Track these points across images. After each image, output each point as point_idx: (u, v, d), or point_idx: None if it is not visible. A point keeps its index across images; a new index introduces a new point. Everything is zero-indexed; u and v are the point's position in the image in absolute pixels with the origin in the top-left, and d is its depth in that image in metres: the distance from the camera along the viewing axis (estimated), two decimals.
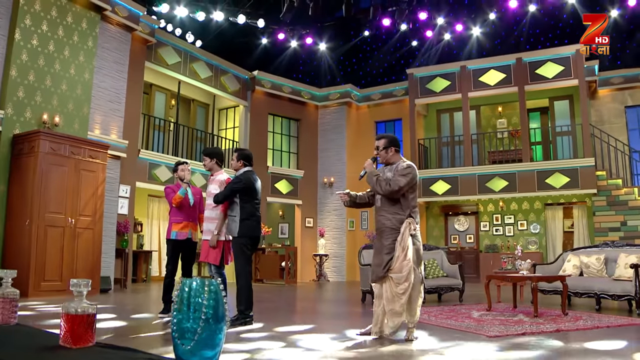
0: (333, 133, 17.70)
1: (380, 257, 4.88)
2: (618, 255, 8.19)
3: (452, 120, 17.07)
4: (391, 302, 4.78)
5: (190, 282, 1.86)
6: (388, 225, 4.93)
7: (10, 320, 2.75)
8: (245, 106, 15.98)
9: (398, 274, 4.74)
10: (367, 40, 19.41)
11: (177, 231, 6.44)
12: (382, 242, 4.92)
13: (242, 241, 5.67)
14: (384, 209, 5.02)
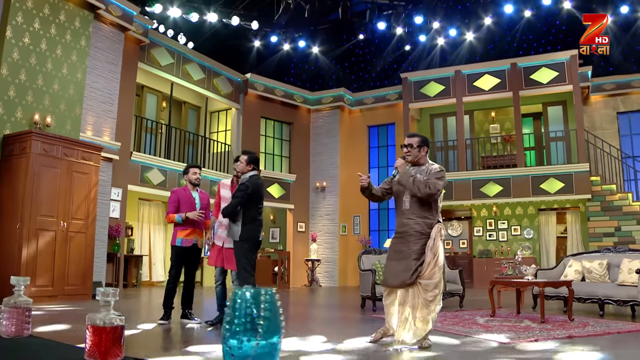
0: (326, 137, 17.55)
1: (407, 263, 4.66)
2: (621, 261, 8.14)
3: (446, 125, 17.01)
4: (419, 309, 4.58)
5: (243, 293, 1.68)
6: (417, 229, 4.71)
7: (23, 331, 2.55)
8: (237, 109, 15.77)
9: (428, 280, 4.57)
10: (360, 44, 19.33)
11: (183, 238, 6.24)
12: (409, 246, 4.70)
13: (246, 245, 5.57)
14: (412, 212, 4.77)
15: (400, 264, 4.73)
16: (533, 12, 13.88)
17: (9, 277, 2.58)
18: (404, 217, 4.81)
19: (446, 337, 5.44)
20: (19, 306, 2.50)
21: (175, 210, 6.26)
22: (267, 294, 1.75)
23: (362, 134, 17.88)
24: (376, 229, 17.53)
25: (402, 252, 4.75)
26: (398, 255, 4.78)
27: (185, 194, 6.34)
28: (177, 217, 6.17)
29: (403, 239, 4.76)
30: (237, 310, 1.72)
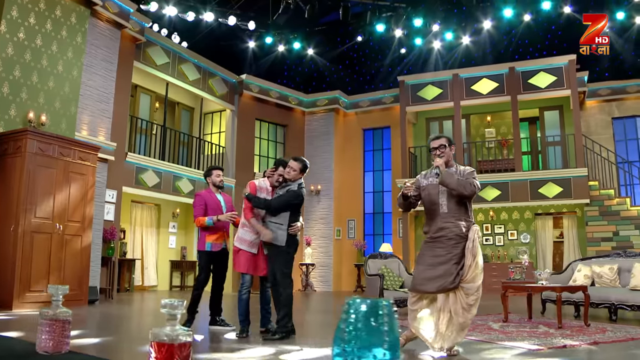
0: (320, 140, 17.33)
1: (448, 267, 4.49)
2: (632, 265, 8.05)
3: (442, 129, 16.88)
4: (461, 314, 4.44)
5: (359, 304, 1.45)
6: (457, 232, 4.57)
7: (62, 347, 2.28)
8: (232, 110, 15.49)
9: (471, 284, 4.45)
10: (355, 47, 19.16)
11: (212, 242, 6.05)
12: (449, 250, 4.54)
13: (290, 251, 5.53)
14: (451, 214, 4.62)
15: (438, 269, 4.55)
16: (532, 16, 13.79)
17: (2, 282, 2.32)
18: (441, 221, 4.63)
19: (470, 344, 5.25)
20: (58, 319, 2.24)
21: (203, 213, 6.05)
22: (386, 306, 1.53)
23: (357, 137, 17.70)
24: (371, 233, 17.35)
25: (440, 257, 4.57)
26: (434, 260, 4.59)
27: (211, 196, 6.18)
28: (209, 219, 5.94)
29: (441, 242, 4.60)
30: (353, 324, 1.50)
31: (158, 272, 14.51)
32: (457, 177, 4.58)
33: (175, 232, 15.26)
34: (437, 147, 4.78)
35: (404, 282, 9.11)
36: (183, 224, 15.62)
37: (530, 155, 16.11)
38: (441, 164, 4.65)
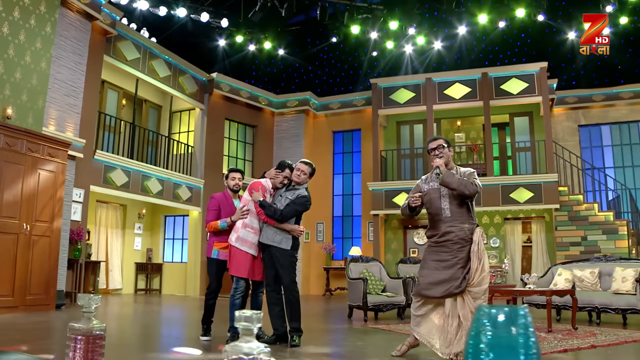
0: (290, 141, 17.10)
1: (454, 272, 4.43)
2: (613, 269, 8.17)
3: (412, 133, 16.90)
4: (469, 318, 4.33)
5: (494, 313, 1.26)
6: (461, 235, 4.50)
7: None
8: (202, 109, 15.09)
9: (478, 287, 4.39)
10: (325, 49, 19.04)
11: (220, 250, 5.70)
12: (455, 254, 4.48)
13: (295, 255, 5.41)
14: (455, 218, 4.55)
15: (443, 274, 4.47)
16: (506, 23, 13.93)
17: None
18: (444, 225, 4.56)
19: None
20: (91, 334, 1.95)
21: (216, 217, 5.72)
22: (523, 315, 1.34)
23: (327, 140, 17.54)
24: (340, 236, 17.20)
25: (446, 261, 4.50)
26: (439, 265, 4.51)
27: (227, 200, 5.82)
28: (222, 223, 5.60)
29: (445, 247, 4.53)
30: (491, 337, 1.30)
31: (123, 275, 13.98)
32: (457, 177, 4.52)
33: (141, 234, 14.76)
34: (435, 147, 4.74)
35: (386, 286, 9.01)
36: (149, 225, 15.13)
37: (499, 160, 16.27)
38: (441, 164, 4.59)
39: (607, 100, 15.47)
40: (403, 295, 8.72)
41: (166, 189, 13.39)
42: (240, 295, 5.37)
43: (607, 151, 15.64)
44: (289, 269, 5.31)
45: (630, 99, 15.24)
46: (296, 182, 5.43)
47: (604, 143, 15.67)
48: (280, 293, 5.40)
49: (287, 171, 5.49)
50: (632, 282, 7.69)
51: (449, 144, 4.81)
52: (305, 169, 5.43)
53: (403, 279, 8.89)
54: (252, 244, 5.34)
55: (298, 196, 5.36)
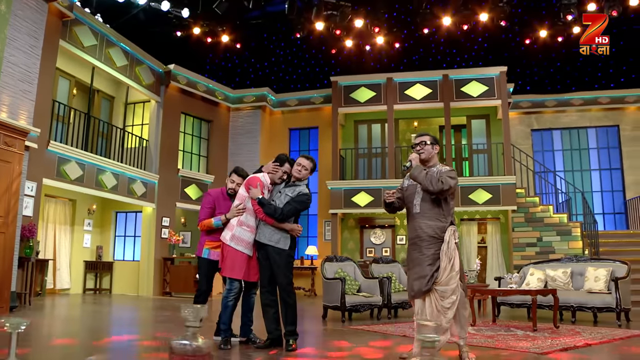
0: (245, 137, 16.70)
1: (422, 269, 4.41)
2: (585, 269, 8.36)
3: (370, 132, 16.87)
4: (436, 318, 4.34)
5: None
6: (430, 233, 4.45)
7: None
8: (158, 102, 14.48)
9: (445, 286, 4.35)
10: (282, 45, 18.76)
11: (211, 249, 5.36)
12: (422, 252, 4.45)
13: (292, 254, 5.15)
14: (424, 215, 4.51)
15: (415, 272, 4.47)
16: (469, 26, 14.11)
17: None
18: (415, 221, 4.57)
19: (474, 349, 5.06)
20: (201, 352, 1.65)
21: (210, 215, 5.36)
22: None
23: (283, 137, 17.25)
24: None
25: (415, 259, 4.50)
26: (412, 263, 4.54)
27: (223, 197, 5.45)
28: (216, 221, 5.24)
29: (416, 245, 4.53)
30: None
31: (71, 274, 13.21)
32: (425, 173, 4.49)
33: (91, 230, 13.98)
34: (417, 143, 4.73)
35: (360, 286, 8.87)
36: (99, 221, 14.38)
37: (455, 162, 16.48)
38: (414, 159, 4.61)
39: (559, 106, 16.00)
40: (379, 295, 8.61)
41: (121, 183, 12.74)
42: (233, 297, 5.10)
43: (558, 155, 16.18)
44: (285, 270, 5.05)
45: (580, 106, 15.82)
46: (296, 178, 5.17)
47: (555, 147, 16.20)
48: (275, 295, 5.14)
49: (287, 166, 5.21)
50: (605, 281, 7.89)
51: (436, 141, 4.76)
52: (307, 164, 5.17)
53: (379, 279, 8.77)
54: (248, 243, 5.06)
55: (299, 194, 5.10)
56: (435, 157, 4.73)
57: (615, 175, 15.62)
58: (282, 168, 5.18)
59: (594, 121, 15.82)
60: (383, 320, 8.23)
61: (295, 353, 4.83)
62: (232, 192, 5.40)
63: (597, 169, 15.84)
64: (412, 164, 4.57)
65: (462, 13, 13.37)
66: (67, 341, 5.61)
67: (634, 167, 15.31)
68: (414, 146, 4.77)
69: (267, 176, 5.19)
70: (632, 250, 12.34)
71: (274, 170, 5.19)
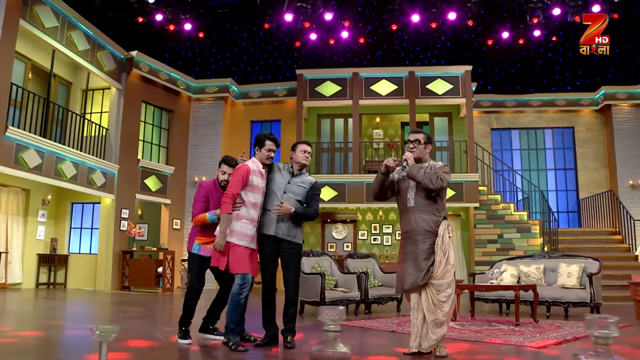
0: (207, 129, 16.34)
1: (417, 263, 4.45)
2: (558, 265, 8.59)
3: (333, 126, 16.85)
4: (433, 311, 4.39)
5: None
6: (425, 227, 4.49)
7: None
8: (118, 89, 13.94)
9: (440, 280, 4.41)
10: (244, 36, 18.42)
11: (202, 245, 5.07)
12: (418, 246, 4.48)
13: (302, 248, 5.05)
14: (419, 209, 4.54)
15: (410, 266, 4.50)
16: (437, 25, 14.24)
17: None
18: (409, 215, 4.59)
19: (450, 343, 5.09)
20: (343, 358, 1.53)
21: (203, 209, 5.07)
22: None
23: (245, 129, 16.99)
24: None
25: (411, 253, 4.52)
26: (407, 257, 4.55)
27: (217, 190, 5.14)
28: (211, 215, 4.98)
29: (410, 239, 4.56)
30: None
31: (23, 268, 12.57)
32: (424, 171, 4.52)
33: (45, 222, 13.34)
34: (412, 140, 4.74)
35: (337, 281, 8.82)
36: (54, 212, 13.74)
37: None
38: (409, 157, 4.61)
39: (518, 106, 16.43)
40: (357, 290, 8.57)
41: (80, 173, 12.20)
42: (247, 293, 4.83)
43: (516, 154, 16.61)
44: (299, 265, 5.02)
45: (539, 107, 16.29)
46: (303, 165, 5.05)
47: (514, 147, 16.62)
48: (274, 292, 5.00)
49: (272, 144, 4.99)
50: (577, 277, 8.13)
51: (430, 140, 4.79)
52: (310, 149, 5.11)
53: (357, 274, 8.73)
54: (252, 237, 4.83)
55: (313, 184, 5.04)
56: (427, 155, 4.76)
57: (570, 175, 16.18)
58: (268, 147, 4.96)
59: (550, 122, 16.32)
60: (361, 316, 8.19)
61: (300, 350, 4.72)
62: (224, 183, 5.07)
63: (552, 168, 16.36)
64: (409, 163, 4.55)
65: (430, 11, 13.44)
66: (14, 340, 5.26)
67: (587, 168, 15.90)
68: (407, 142, 4.81)
69: (257, 162, 4.95)
70: (588, 248, 12.80)
71: (269, 154, 4.98)
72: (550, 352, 4.92)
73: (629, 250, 12.78)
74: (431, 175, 4.45)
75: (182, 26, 15.76)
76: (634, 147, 15.25)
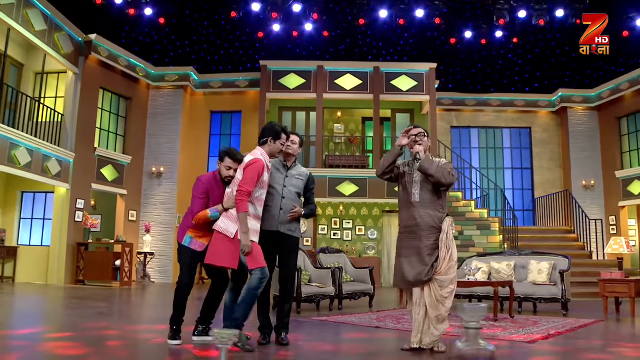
0: (166, 118, 15.87)
1: (421, 258, 4.44)
2: (528, 262, 8.77)
3: (295, 120, 16.69)
4: (436, 307, 4.40)
5: None
6: (430, 223, 4.50)
7: None
8: (75, 74, 13.31)
9: (444, 276, 4.43)
10: (204, 24, 17.98)
11: (194, 238, 4.69)
12: (422, 241, 4.47)
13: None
14: (424, 205, 4.54)
15: (414, 261, 4.48)
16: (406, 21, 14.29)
17: None
18: (413, 210, 4.57)
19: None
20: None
21: (204, 206, 4.64)
22: None
23: (204, 120, 16.61)
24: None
25: (414, 248, 4.51)
26: (410, 252, 4.53)
27: (217, 185, 4.74)
28: (213, 212, 4.52)
29: (414, 233, 4.54)
30: None
31: None
32: (436, 165, 4.55)
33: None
34: (416, 134, 4.71)
35: (311, 277, 8.69)
36: (1, 202, 13.04)
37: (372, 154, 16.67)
38: (421, 151, 4.61)
39: (478, 105, 16.72)
40: (332, 285, 8.49)
41: (35, 161, 11.58)
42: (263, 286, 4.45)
43: (475, 153, 16.91)
44: (296, 259, 4.88)
45: (498, 107, 16.63)
46: (292, 156, 4.89)
47: (472, 145, 16.91)
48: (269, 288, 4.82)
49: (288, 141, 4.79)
50: (547, 274, 8.32)
51: (428, 134, 4.82)
52: (298, 140, 4.95)
53: (332, 269, 8.65)
54: (257, 232, 4.53)
55: (310, 178, 4.94)
56: (429, 148, 4.75)
57: (526, 174, 16.61)
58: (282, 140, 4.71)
59: (509, 122, 16.69)
60: (335, 312, 8.11)
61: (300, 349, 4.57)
62: (229, 179, 4.68)
63: (509, 167, 16.75)
64: (421, 156, 4.53)
65: (399, 7, 13.47)
66: None
67: (542, 168, 16.37)
68: (412, 137, 4.69)
69: (266, 155, 4.65)
70: (546, 245, 13.10)
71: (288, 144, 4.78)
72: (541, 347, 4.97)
73: (583, 248, 13.21)
74: (444, 170, 4.47)
75: (143, 11, 15.26)
76: (587, 149, 15.81)
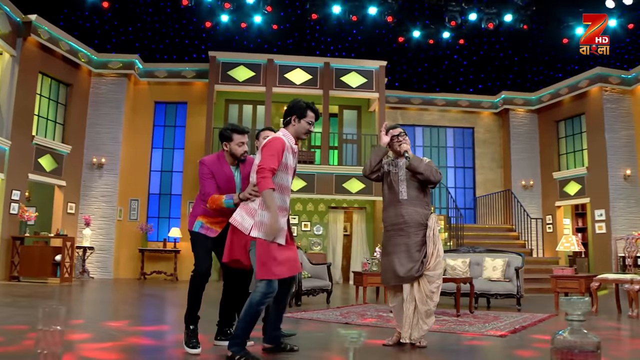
0: (108, 107, 15.25)
1: (410, 254, 4.54)
2: (483, 259, 9.06)
3: (241, 113, 16.47)
4: (425, 302, 4.52)
5: None
6: (417, 220, 4.63)
7: None
8: (13, 56, 12.56)
9: (433, 271, 4.52)
10: (149, 10, 17.40)
11: (205, 224, 4.28)
12: (410, 238, 4.58)
13: None
14: (411, 202, 4.67)
15: (404, 257, 4.58)
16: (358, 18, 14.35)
17: None
18: (401, 208, 4.68)
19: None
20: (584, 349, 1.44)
21: (215, 186, 4.24)
22: None
23: (148, 110, 16.08)
24: (156, 215, 15.95)
25: (403, 245, 4.61)
26: (398, 249, 4.62)
27: (221, 167, 4.29)
28: (228, 200, 4.08)
29: (402, 230, 4.64)
30: None
31: None
32: (425, 163, 4.67)
33: None
34: (398, 134, 4.83)
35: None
36: None
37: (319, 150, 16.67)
38: (408, 149, 4.72)
39: (423, 104, 17.04)
40: (328, 280, 9.01)
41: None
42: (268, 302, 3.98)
43: (419, 151, 17.21)
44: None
45: (442, 106, 17.02)
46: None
47: (417, 143, 17.22)
48: None
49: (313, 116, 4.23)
50: (502, 270, 8.62)
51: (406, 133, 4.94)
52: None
53: (328, 265, 9.20)
54: (283, 230, 3.96)
55: None
56: None
57: (468, 173, 17.10)
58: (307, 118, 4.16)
59: (453, 122, 17.11)
60: (295, 308, 8.04)
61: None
62: (244, 156, 4.30)
63: (452, 166, 17.19)
64: (409, 155, 4.62)
65: (353, 3, 13.52)
66: None
67: (484, 168, 16.90)
68: (394, 137, 4.81)
69: (290, 137, 4.11)
70: (489, 243, 13.53)
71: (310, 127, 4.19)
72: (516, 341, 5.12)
73: (524, 246, 13.77)
74: (432, 168, 4.63)
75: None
76: (527, 150, 16.46)
